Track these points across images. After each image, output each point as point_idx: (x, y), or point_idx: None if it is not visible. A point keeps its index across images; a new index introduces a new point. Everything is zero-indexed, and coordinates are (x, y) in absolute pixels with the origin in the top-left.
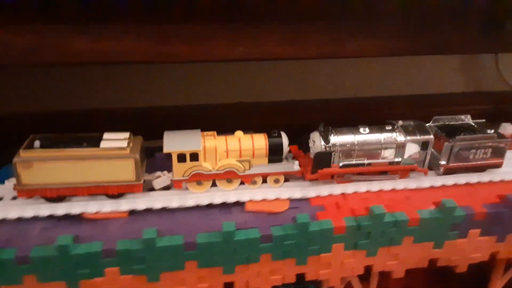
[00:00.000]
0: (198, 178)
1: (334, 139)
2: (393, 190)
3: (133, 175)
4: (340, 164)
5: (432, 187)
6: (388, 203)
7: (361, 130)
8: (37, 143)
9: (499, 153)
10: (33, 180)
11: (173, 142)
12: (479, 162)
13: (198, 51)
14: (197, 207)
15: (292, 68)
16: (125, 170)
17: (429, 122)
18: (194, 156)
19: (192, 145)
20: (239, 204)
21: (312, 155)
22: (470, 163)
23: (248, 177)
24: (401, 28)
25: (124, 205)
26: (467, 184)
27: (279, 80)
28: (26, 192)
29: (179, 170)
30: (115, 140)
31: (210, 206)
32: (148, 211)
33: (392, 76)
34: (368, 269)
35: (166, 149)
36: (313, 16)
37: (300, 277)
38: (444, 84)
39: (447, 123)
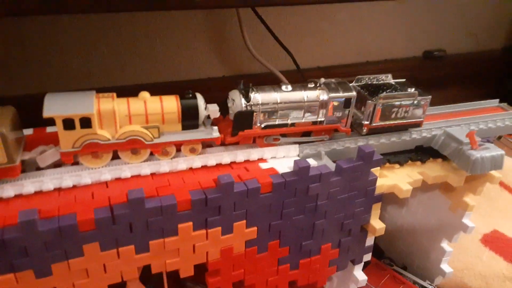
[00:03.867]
0: (92, 150)
1: (256, 97)
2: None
3: (3, 156)
4: (263, 125)
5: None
6: None
7: (283, 87)
8: None
9: (420, 111)
10: None
11: (57, 105)
12: (400, 121)
13: None
14: None
15: None
16: None
17: None
18: (86, 122)
19: (82, 108)
20: None
21: (231, 116)
22: (392, 123)
23: (157, 147)
24: None
25: None
26: None
27: None
28: None
29: (68, 139)
30: None
31: None
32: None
33: (144, 64)
34: None
35: (46, 113)
36: None
37: None
38: (203, 70)
39: (369, 82)
